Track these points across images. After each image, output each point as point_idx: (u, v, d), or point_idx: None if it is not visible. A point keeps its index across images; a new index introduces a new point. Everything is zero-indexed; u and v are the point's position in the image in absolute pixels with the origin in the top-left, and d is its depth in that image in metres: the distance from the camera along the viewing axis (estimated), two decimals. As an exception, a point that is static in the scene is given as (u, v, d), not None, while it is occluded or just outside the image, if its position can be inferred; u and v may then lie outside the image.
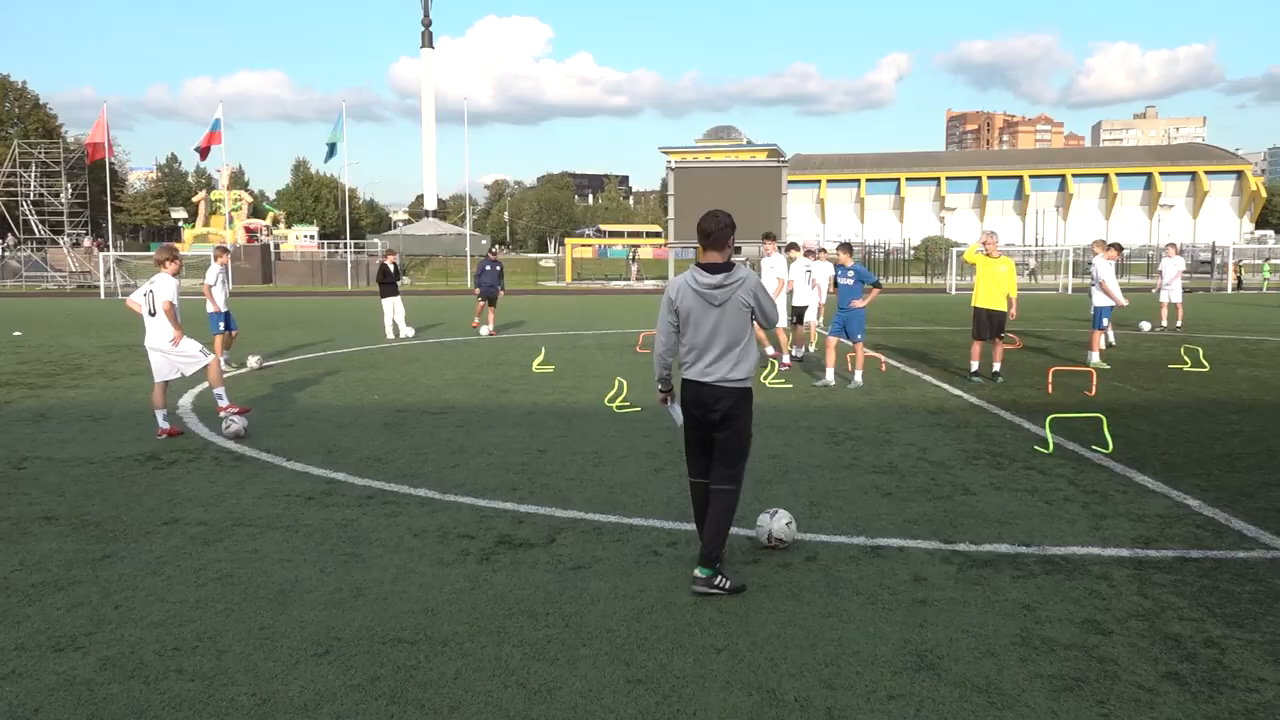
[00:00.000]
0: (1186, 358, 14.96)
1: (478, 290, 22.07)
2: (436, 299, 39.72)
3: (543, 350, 16.36)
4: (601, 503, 6.80)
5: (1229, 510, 6.47)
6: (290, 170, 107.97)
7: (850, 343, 12.48)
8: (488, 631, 4.49)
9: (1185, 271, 26.97)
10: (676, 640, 4.38)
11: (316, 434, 9.44)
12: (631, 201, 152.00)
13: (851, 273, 12.58)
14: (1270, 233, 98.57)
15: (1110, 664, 4.10)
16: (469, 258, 58.66)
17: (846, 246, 13.06)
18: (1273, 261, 53.14)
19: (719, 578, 4.99)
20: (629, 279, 60.65)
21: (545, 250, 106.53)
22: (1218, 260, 51.41)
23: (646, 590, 5.04)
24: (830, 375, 12.56)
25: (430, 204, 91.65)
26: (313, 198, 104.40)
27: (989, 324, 12.84)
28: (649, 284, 55.45)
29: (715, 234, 5.10)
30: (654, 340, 5.40)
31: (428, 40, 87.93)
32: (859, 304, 12.29)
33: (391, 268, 20.95)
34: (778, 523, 5.69)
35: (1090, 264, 15.18)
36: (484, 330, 21.28)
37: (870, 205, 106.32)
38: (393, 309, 20.56)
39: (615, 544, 5.84)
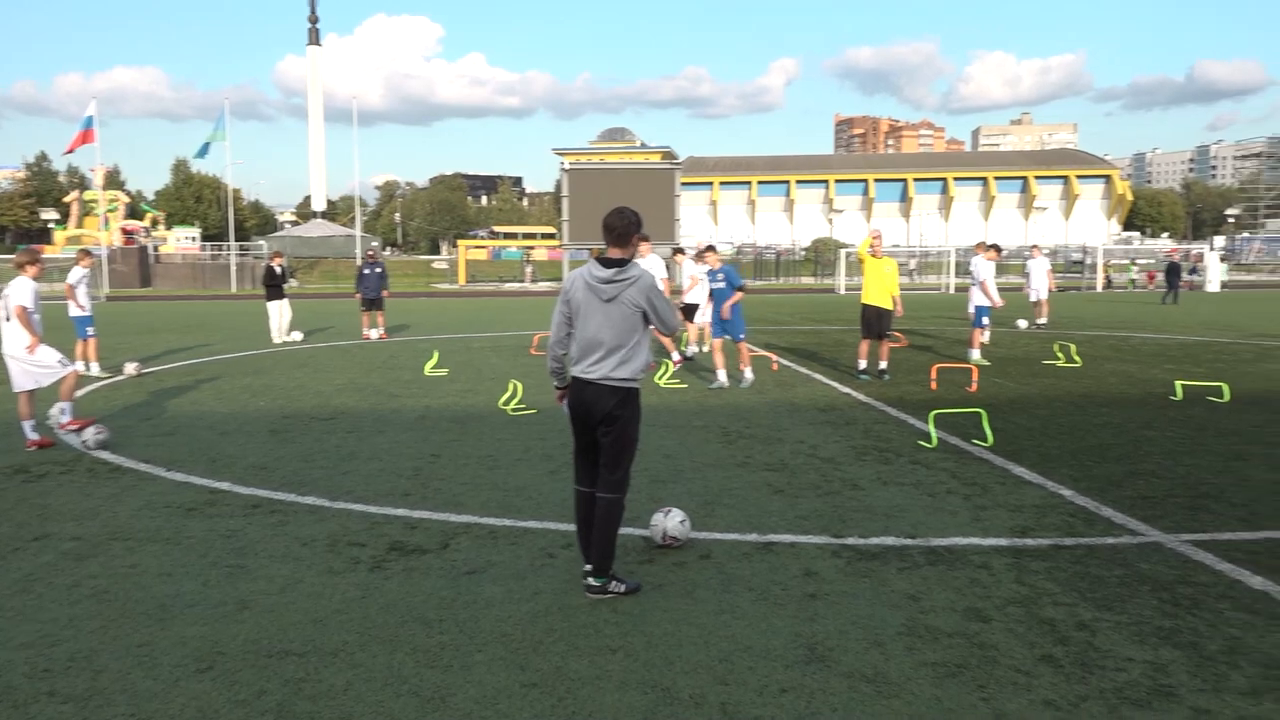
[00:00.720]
0: (1060, 354, 15.61)
1: (360, 295, 21.04)
2: (325, 302, 38.83)
3: (436, 354, 16.15)
4: (496, 506, 6.75)
5: (1099, 499, 6.78)
6: (170, 170, 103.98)
7: (734, 342, 12.74)
8: (379, 640, 4.41)
9: (1055, 271, 28.13)
10: (572, 642, 4.38)
11: (199, 442, 9.12)
12: (526, 203, 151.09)
13: (721, 275, 12.71)
14: (1136, 234, 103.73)
15: (990, 649, 4.26)
16: (359, 260, 57.51)
17: (712, 249, 13.14)
18: (1139, 262, 55.94)
19: (612, 582, 4.98)
20: (524, 281, 60.34)
21: (438, 252, 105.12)
22: (1088, 260, 53.79)
23: (542, 593, 5.02)
24: (722, 376, 12.65)
25: (319, 205, 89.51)
26: (194, 198, 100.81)
27: (876, 323, 13.12)
28: (544, 286, 55.24)
29: (620, 230, 5.07)
30: (550, 334, 5.36)
31: (314, 37, 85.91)
32: (726, 310, 12.47)
33: (278, 270, 20.40)
34: (671, 521, 5.74)
35: (970, 265, 15.74)
36: (373, 334, 20.86)
37: (762, 207, 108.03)
38: (279, 312, 20.02)
39: (510, 548, 5.81)
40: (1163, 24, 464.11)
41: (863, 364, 13.30)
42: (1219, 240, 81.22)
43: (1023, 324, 21.97)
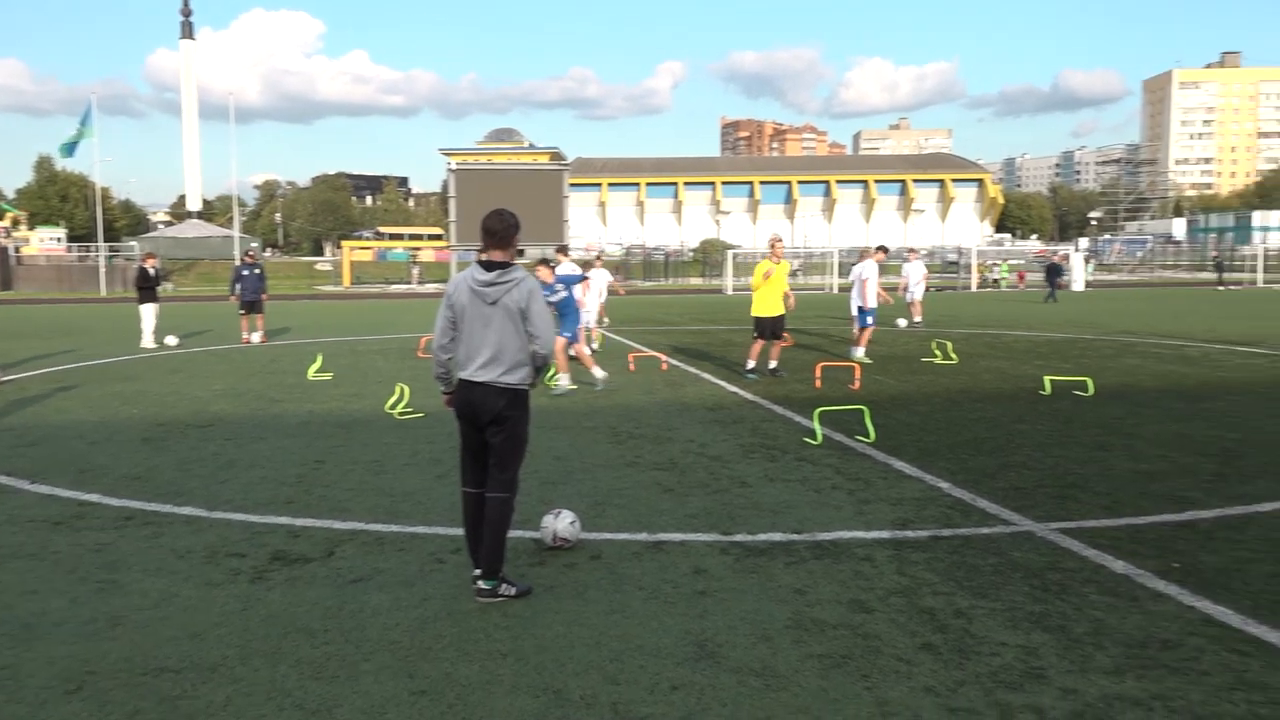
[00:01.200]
0: (937, 351, 16.16)
1: (236, 298, 20.11)
2: (202, 305, 37.49)
3: (319, 357, 15.75)
4: (383, 512, 6.62)
5: (975, 490, 7.04)
6: (33, 167, 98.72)
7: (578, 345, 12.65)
8: (261, 653, 4.29)
9: (932, 272, 29.16)
10: (461, 648, 4.34)
11: (66, 452, 8.70)
12: (412, 203, 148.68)
13: (560, 286, 12.53)
14: (1008, 236, 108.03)
15: (873, 639, 4.38)
16: (238, 261, 55.77)
17: (545, 262, 12.47)
18: (1010, 262, 58.28)
19: (502, 585, 4.96)
20: (410, 282, 59.38)
21: (321, 253, 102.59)
22: (963, 261, 55.78)
23: (430, 599, 4.95)
24: (598, 372, 12.66)
25: (194, 205, 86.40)
26: (59, 197, 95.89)
27: (771, 326, 13.34)
28: (431, 287, 54.47)
29: (500, 233, 5.07)
30: (434, 338, 5.31)
31: (188, 31, 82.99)
32: (581, 299, 12.75)
33: (151, 272, 19.62)
34: (562, 523, 5.74)
35: (860, 268, 16.09)
36: (254, 338, 20.23)
37: (650, 208, 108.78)
38: (153, 316, 19.25)
39: (398, 554, 5.71)
40: (1029, 35, 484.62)
41: (752, 364, 13.49)
42: (1083, 242, 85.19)
43: (902, 323, 22.65)
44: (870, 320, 16.02)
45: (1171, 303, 33.60)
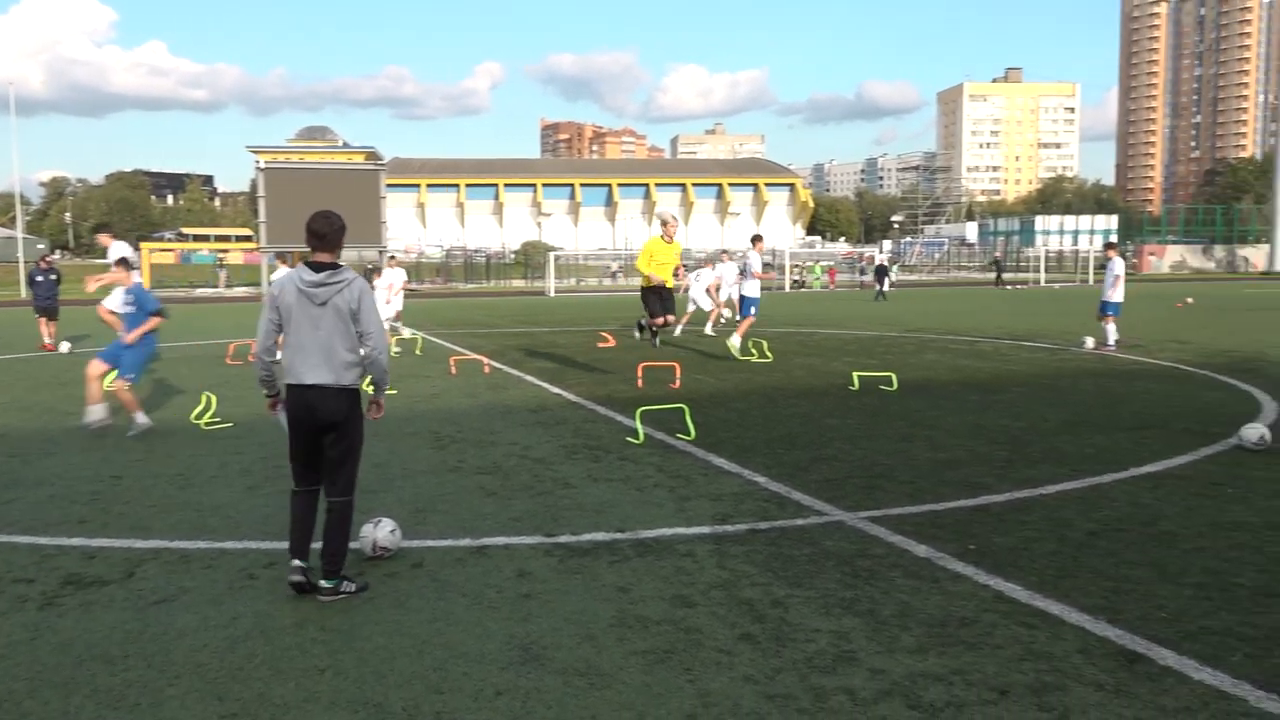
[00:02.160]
0: (753, 349, 16.67)
1: (33, 304, 19.19)
2: (-20, 312, 34.51)
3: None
4: (189, 528, 6.28)
5: (790, 484, 7.30)
6: None
7: (124, 379, 9.64)
8: (52, 684, 3.99)
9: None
10: (276, 666, 4.16)
11: None
12: (218, 203, 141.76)
13: (130, 296, 9.92)
14: (818, 238, 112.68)
15: (695, 633, 4.48)
16: (22, 264, 51.57)
17: (124, 262, 10.31)
18: (822, 263, 60.79)
19: (344, 583, 4.97)
20: (217, 286, 56.52)
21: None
22: (777, 263, 57.71)
23: (242, 617, 4.73)
24: (97, 413, 9.54)
25: (-32, 202, 79.37)
26: None
27: (659, 299, 13.27)
28: (240, 291, 52.02)
29: (329, 235, 5.07)
30: (257, 341, 5.19)
31: (-43, 13, 76.16)
32: (132, 337, 9.65)
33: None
34: (381, 531, 5.60)
35: (744, 260, 16.65)
36: (63, 347, 18.75)
37: (471, 210, 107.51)
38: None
39: (205, 572, 5.43)
40: (834, 46, 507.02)
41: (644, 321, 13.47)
42: (887, 244, 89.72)
43: (725, 318, 23.22)
44: (753, 311, 16.47)
45: (965, 301, 35.85)
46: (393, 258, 21.41)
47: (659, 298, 13.30)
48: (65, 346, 18.64)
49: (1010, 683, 3.92)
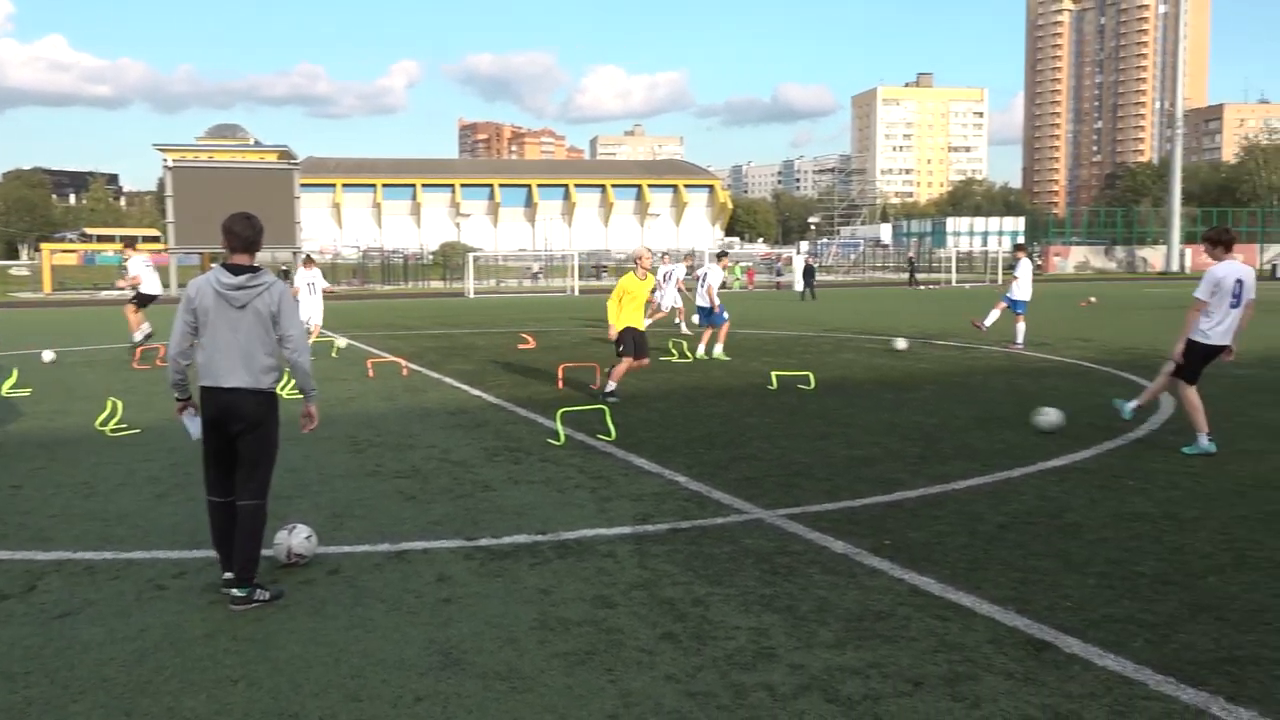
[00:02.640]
0: (674, 350, 16.77)
1: None
2: None
3: (15, 371, 14.20)
4: (94, 539, 6.08)
5: (710, 483, 7.36)
6: None
7: None
8: (-53, 705, 3.82)
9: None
10: (187, 679, 4.05)
11: None
12: (123, 203, 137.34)
13: None
14: (737, 239, 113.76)
15: (616, 633, 4.48)
16: (-89, 266, 49.30)
17: None
18: (742, 264, 61.41)
19: (257, 591, 4.86)
20: (123, 288, 54.74)
21: (16, 257, 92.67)
22: (697, 264, 58.13)
23: (150, 629, 4.59)
24: None
25: None
26: None
27: (634, 339, 11.65)
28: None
29: (248, 238, 5.01)
30: (169, 344, 5.11)
31: None
32: None
33: None
34: (297, 538, 5.49)
35: (704, 271, 17.59)
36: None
37: (388, 210, 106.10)
38: None
39: (111, 583, 5.26)
40: (751, 49, 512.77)
41: (613, 385, 11.65)
42: (804, 245, 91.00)
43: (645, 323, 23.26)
44: (726, 316, 16.80)
45: (880, 301, 36.56)
46: (309, 258, 20.97)
47: (633, 340, 11.66)
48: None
49: (924, 674, 4.01)
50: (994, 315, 17.80)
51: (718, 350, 16.47)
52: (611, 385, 11.63)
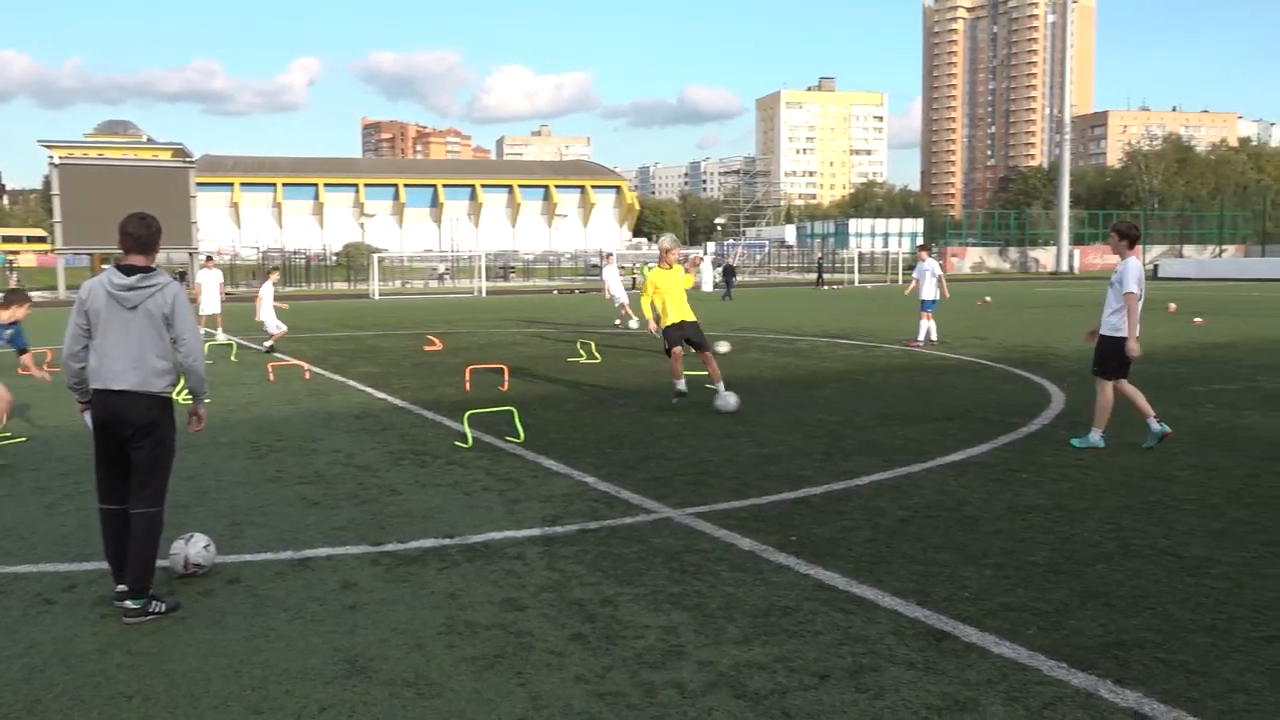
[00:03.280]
0: (582, 351, 16.76)
1: None
2: None
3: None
4: (-25, 553, 5.80)
5: (619, 483, 7.38)
6: None
7: None
8: None
9: (576, 275, 30.39)
10: (78, 696, 3.90)
11: None
12: (6, 201, 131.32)
13: None
14: (644, 240, 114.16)
15: (526, 636, 4.47)
16: None
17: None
18: (650, 266, 61.70)
19: (153, 603, 4.71)
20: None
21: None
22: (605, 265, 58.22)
23: (39, 645, 4.41)
24: None
25: None
26: None
27: (680, 333, 11.35)
28: (34, 295, 48.40)
29: (145, 238, 4.92)
30: (63, 347, 4.97)
31: None
32: None
33: None
34: (194, 548, 5.33)
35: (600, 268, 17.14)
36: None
37: (289, 210, 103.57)
38: None
39: (-5, 598, 5.03)
40: (657, 51, 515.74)
41: (679, 383, 11.30)
42: (710, 245, 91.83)
43: (634, 324, 23.02)
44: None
45: (785, 301, 37.12)
46: (209, 258, 20.42)
47: (680, 333, 11.31)
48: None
49: (830, 667, 4.09)
50: (928, 327, 17.64)
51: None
52: (678, 384, 11.25)
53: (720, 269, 43.56)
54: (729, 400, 10.69)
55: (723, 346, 16.94)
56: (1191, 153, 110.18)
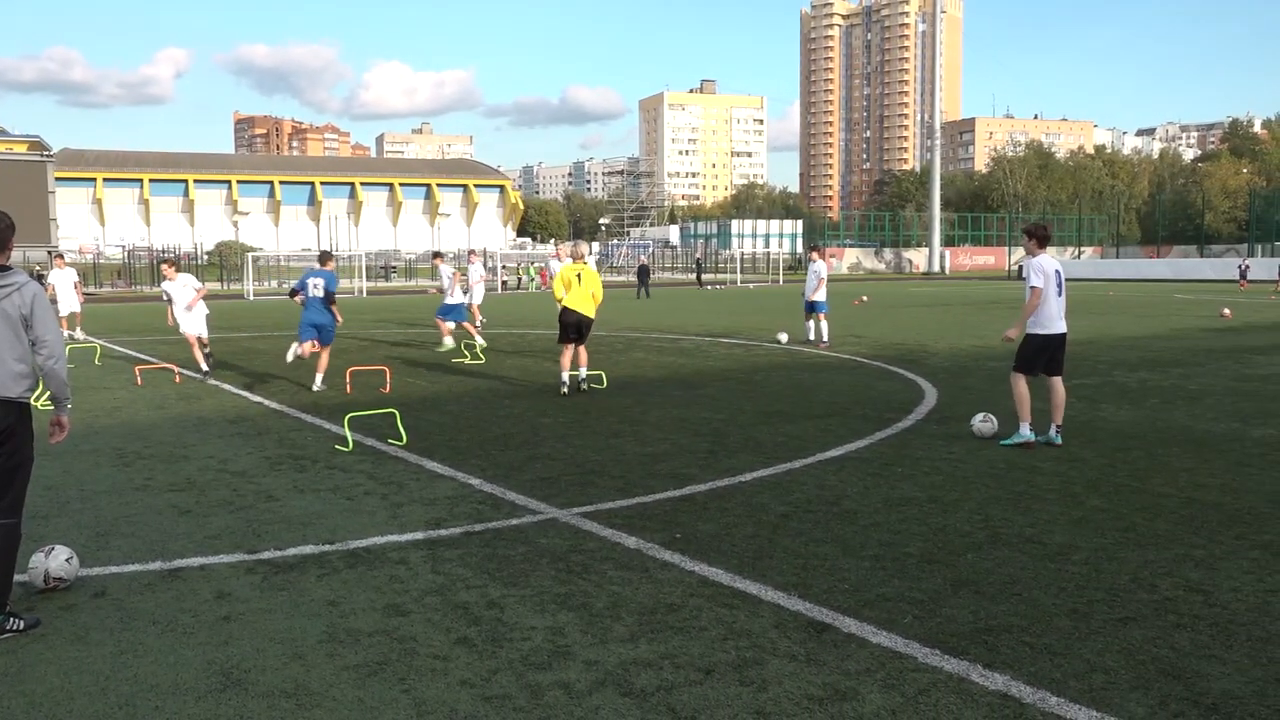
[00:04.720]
0: (466, 352, 16.58)
1: None
2: None
3: None
4: None
5: (504, 484, 7.33)
6: None
7: None
8: None
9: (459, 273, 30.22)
10: (-75, 721, 3.67)
11: None
12: None
13: None
14: (529, 239, 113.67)
15: (410, 642, 4.39)
16: None
17: None
18: (536, 265, 61.38)
19: (10, 620, 4.48)
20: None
21: None
22: (489, 264, 57.69)
23: (-120, 670, 4.13)
24: None
25: None
26: None
27: (575, 324, 12.00)
28: None
29: None
30: None
31: None
32: None
33: None
34: (55, 561, 5.07)
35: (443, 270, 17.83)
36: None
37: (156, 207, 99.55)
38: None
39: None
40: (540, 50, 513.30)
41: (564, 375, 11.98)
42: (596, 245, 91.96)
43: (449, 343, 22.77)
44: (474, 319, 17.31)
45: (669, 301, 37.44)
46: (60, 256, 19.47)
47: (572, 320, 12.01)
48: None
49: (715, 662, 4.15)
50: (824, 327, 17.90)
51: (448, 343, 17.20)
52: (563, 375, 12.05)
53: (636, 269, 44.08)
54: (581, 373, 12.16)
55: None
56: (1052, 159, 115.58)
